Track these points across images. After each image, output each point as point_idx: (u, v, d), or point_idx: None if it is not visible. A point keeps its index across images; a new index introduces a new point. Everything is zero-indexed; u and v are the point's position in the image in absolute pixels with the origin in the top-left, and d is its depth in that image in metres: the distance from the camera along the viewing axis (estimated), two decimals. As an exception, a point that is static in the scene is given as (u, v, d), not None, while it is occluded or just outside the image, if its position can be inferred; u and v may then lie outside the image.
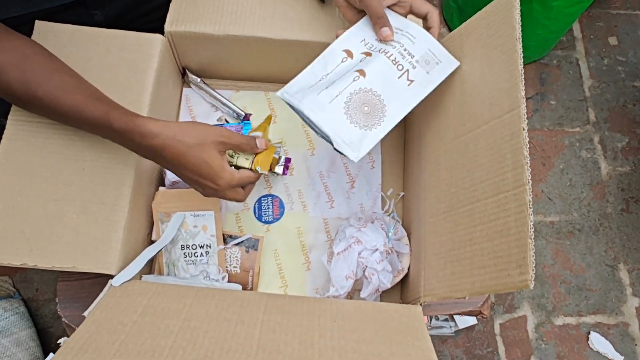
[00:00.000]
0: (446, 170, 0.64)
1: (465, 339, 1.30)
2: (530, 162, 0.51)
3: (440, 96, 0.68)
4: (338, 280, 0.65)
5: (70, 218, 0.61)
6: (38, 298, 1.26)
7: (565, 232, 1.40)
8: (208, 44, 0.75)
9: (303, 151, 0.81)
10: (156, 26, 0.71)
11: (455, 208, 0.60)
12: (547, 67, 1.56)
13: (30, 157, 0.63)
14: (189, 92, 0.83)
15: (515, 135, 0.53)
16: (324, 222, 0.77)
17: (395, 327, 0.57)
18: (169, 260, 0.70)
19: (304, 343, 0.51)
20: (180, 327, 0.52)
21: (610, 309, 1.35)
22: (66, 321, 0.68)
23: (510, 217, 0.51)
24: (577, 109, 1.52)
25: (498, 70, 0.58)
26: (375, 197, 0.79)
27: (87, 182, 0.63)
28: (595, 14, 1.63)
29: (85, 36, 0.69)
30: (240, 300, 0.58)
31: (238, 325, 0.53)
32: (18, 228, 0.60)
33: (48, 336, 1.22)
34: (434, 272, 0.62)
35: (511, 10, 0.58)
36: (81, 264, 0.60)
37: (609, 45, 1.60)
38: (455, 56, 0.66)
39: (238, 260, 0.71)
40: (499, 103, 0.57)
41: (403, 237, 0.72)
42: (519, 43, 0.56)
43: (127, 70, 0.68)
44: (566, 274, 1.37)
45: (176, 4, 0.73)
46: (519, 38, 0.56)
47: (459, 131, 0.63)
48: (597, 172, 1.46)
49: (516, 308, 1.34)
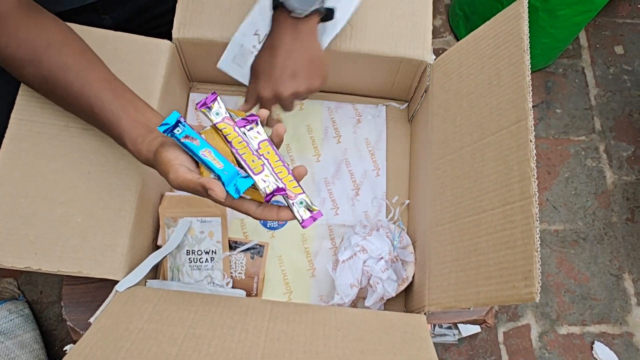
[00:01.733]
0: (452, 180, 0.64)
1: (468, 347, 1.30)
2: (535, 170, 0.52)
3: (447, 106, 0.68)
4: (343, 289, 0.66)
5: (75, 222, 0.61)
6: (42, 300, 1.26)
7: (570, 241, 1.40)
8: (215, 50, 0.75)
9: (309, 157, 0.81)
10: (165, 30, 0.71)
11: (461, 218, 0.60)
12: (553, 76, 1.56)
13: (35, 158, 0.63)
14: (196, 97, 0.84)
15: (522, 147, 0.53)
16: (329, 229, 0.77)
17: (399, 336, 0.57)
18: (174, 265, 0.71)
19: (309, 352, 0.51)
20: (186, 335, 0.52)
21: (614, 319, 1.34)
22: (71, 325, 0.69)
23: (516, 229, 0.51)
24: (582, 118, 1.52)
25: (505, 82, 0.58)
26: (380, 204, 0.79)
27: (93, 185, 0.63)
28: (601, 23, 1.63)
29: (93, 37, 0.68)
30: (245, 307, 0.58)
31: (242, 333, 0.53)
32: (22, 231, 0.60)
33: (52, 338, 1.23)
34: (438, 282, 0.62)
35: (519, 22, 0.58)
36: (87, 269, 0.60)
37: (615, 54, 1.60)
38: (463, 66, 0.66)
39: (243, 267, 0.71)
40: (506, 114, 0.57)
41: (408, 246, 0.72)
42: (526, 55, 0.56)
43: (135, 75, 0.68)
44: (570, 283, 1.36)
45: (182, 8, 0.72)
46: (527, 50, 0.56)
47: (465, 141, 0.63)
48: (602, 181, 1.46)
49: (520, 317, 1.33)
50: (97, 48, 0.68)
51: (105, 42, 0.69)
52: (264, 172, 0.49)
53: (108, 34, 0.69)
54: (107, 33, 0.69)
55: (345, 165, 0.81)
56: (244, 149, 0.50)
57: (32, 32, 0.57)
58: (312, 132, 0.83)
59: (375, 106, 0.85)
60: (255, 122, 0.52)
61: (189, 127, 0.50)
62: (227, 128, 0.50)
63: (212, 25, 0.72)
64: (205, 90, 0.84)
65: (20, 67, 0.58)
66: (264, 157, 0.50)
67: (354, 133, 0.83)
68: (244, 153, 0.50)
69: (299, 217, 0.49)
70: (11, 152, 0.62)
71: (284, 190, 0.49)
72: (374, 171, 0.81)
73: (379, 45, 0.73)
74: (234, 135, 0.50)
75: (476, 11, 1.41)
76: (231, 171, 0.48)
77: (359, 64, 0.76)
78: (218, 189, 0.46)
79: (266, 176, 0.49)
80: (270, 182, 0.49)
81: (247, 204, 0.51)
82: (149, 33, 0.70)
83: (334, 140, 0.83)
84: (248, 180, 0.48)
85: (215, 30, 0.72)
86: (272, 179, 0.49)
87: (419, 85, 0.79)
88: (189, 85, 0.85)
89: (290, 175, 0.50)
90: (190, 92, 0.84)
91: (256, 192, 0.50)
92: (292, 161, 0.81)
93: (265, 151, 0.50)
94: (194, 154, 0.49)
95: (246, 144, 0.50)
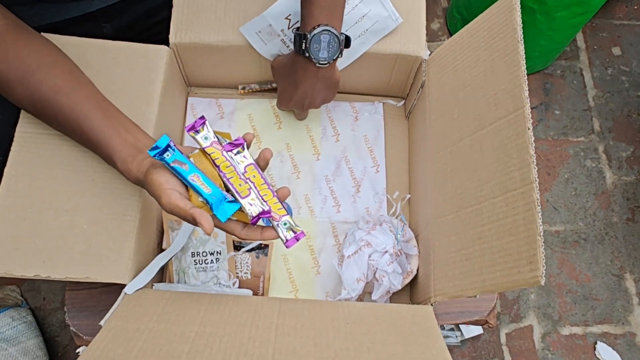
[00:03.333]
0: (452, 171, 0.65)
1: (471, 348, 1.30)
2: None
3: (444, 100, 0.69)
4: (349, 283, 0.66)
5: (81, 229, 0.62)
6: (45, 307, 1.26)
7: (571, 242, 1.41)
8: (211, 54, 0.76)
9: (308, 156, 0.82)
10: (163, 37, 0.72)
11: (462, 208, 0.61)
12: (551, 77, 1.57)
13: (40, 168, 0.64)
14: (194, 101, 0.84)
15: (520, 135, 0.54)
16: (332, 226, 0.78)
17: (408, 327, 0.57)
18: (179, 268, 0.71)
19: (320, 345, 0.52)
20: (197, 333, 0.52)
21: (616, 319, 1.34)
22: (74, 330, 0.69)
23: (518, 215, 0.52)
24: (581, 119, 1.53)
25: (501, 72, 0.59)
26: (381, 200, 0.80)
27: (97, 192, 0.64)
28: (598, 24, 1.64)
29: (93, 48, 0.70)
30: (254, 305, 0.59)
31: (253, 329, 0.54)
32: (30, 240, 0.61)
33: (55, 345, 1.22)
34: (443, 272, 0.62)
35: (512, 13, 0.59)
36: (94, 274, 0.60)
37: (612, 56, 1.61)
38: (458, 59, 0.67)
39: (248, 266, 0.71)
40: (503, 104, 0.58)
41: (411, 239, 0.72)
42: (520, 45, 0.57)
43: (135, 81, 0.69)
44: (572, 284, 1.37)
45: (178, 13, 0.73)
46: (521, 40, 0.57)
47: (464, 132, 0.64)
48: (602, 181, 1.47)
49: (522, 318, 1.33)
50: (96, 58, 0.69)
51: (105, 52, 0.70)
52: (250, 196, 0.52)
53: (107, 43, 0.70)
54: (105, 43, 0.70)
55: (345, 163, 0.82)
56: (231, 172, 0.53)
57: (21, 53, 0.57)
58: (311, 131, 0.83)
59: (372, 104, 0.86)
60: (242, 146, 0.55)
61: (178, 152, 0.52)
62: (215, 152, 0.53)
63: (208, 29, 0.73)
64: (203, 95, 0.85)
65: (10, 87, 0.58)
66: (250, 180, 0.54)
67: (353, 131, 0.84)
68: (232, 177, 0.53)
69: (282, 238, 0.53)
70: (17, 164, 0.64)
71: (269, 213, 0.52)
72: (373, 168, 0.82)
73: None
74: (221, 160, 0.53)
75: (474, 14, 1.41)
76: (219, 196, 0.51)
77: (355, 63, 0.77)
78: (207, 225, 0.48)
79: (252, 200, 0.52)
80: (256, 205, 0.52)
81: (233, 225, 0.54)
82: (148, 40, 0.71)
83: (332, 139, 0.83)
84: (234, 205, 0.51)
85: (211, 34, 0.73)
86: (258, 202, 0.53)
87: (414, 81, 0.80)
88: (187, 90, 0.85)
89: (275, 198, 0.54)
90: (189, 97, 0.85)
91: (242, 214, 0.53)
92: (292, 160, 0.81)
93: (251, 175, 0.54)
94: (183, 179, 0.52)
95: (233, 168, 0.53)
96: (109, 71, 0.69)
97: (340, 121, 0.84)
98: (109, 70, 0.69)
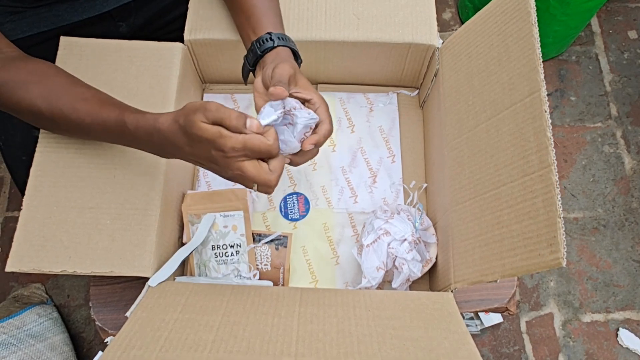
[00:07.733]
0: (469, 157, 0.65)
1: (491, 337, 1.30)
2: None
3: (458, 87, 0.69)
4: (369, 272, 0.67)
5: (105, 225, 0.63)
6: (70, 304, 1.29)
7: (590, 228, 1.39)
8: (226, 50, 0.76)
9: (324, 148, 0.82)
10: (178, 35, 0.73)
11: (480, 194, 0.61)
12: (566, 64, 1.55)
13: (64, 168, 0.66)
14: (209, 97, 0.85)
15: (537, 118, 0.54)
16: (349, 217, 0.78)
17: (429, 313, 0.58)
18: (200, 261, 0.72)
19: (342, 332, 0.52)
20: (221, 322, 0.53)
21: (639, 305, 1.33)
22: (99, 324, 0.70)
23: (537, 199, 0.52)
24: (598, 104, 1.51)
25: (516, 56, 0.59)
26: (397, 190, 0.80)
27: (119, 189, 0.65)
28: (613, 8, 1.61)
29: (109, 48, 0.71)
30: (276, 295, 0.60)
31: (276, 317, 0.55)
32: (57, 237, 0.62)
33: (80, 341, 1.25)
34: (462, 258, 0.63)
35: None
36: (118, 269, 0.62)
37: (628, 39, 1.58)
38: (471, 46, 0.67)
39: (268, 258, 0.72)
40: (519, 88, 0.57)
41: (429, 227, 0.73)
42: (535, 28, 0.57)
43: (151, 79, 0.70)
44: (592, 270, 1.35)
45: (193, 12, 0.75)
46: (535, 23, 0.57)
47: (480, 118, 0.63)
48: (620, 167, 1.45)
49: (542, 305, 1.33)
50: (113, 58, 0.71)
51: (121, 52, 0.71)
52: None
53: (122, 43, 0.72)
54: (121, 43, 0.72)
55: (360, 154, 0.82)
56: None
57: (27, 64, 0.59)
58: (326, 123, 0.84)
59: (387, 94, 0.86)
60: None
61: None
62: None
63: (222, 27, 0.74)
64: (219, 91, 0.86)
65: (24, 90, 0.58)
66: None
67: (367, 122, 0.84)
68: None
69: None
70: (42, 164, 0.66)
71: None
72: (389, 158, 0.82)
73: (386, 33, 0.74)
74: None
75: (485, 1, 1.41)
76: None
77: (367, 53, 0.77)
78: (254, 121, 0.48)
79: None
80: None
81: None
82: (163, 38, 0.72)
83: (347, 130, 0.84)
84: None
85: (225, 32, 0.74)
86: None
87: (428, 70, 0.80)
88: (203, 87, 0.86)
89: None
90: (204, 93, 0.86)
91: None
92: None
93: None
94: None
95: None
96: (125, 70, 0.70)
97: (354, 112, 0.85)
98: (125, 70, 0.70)
